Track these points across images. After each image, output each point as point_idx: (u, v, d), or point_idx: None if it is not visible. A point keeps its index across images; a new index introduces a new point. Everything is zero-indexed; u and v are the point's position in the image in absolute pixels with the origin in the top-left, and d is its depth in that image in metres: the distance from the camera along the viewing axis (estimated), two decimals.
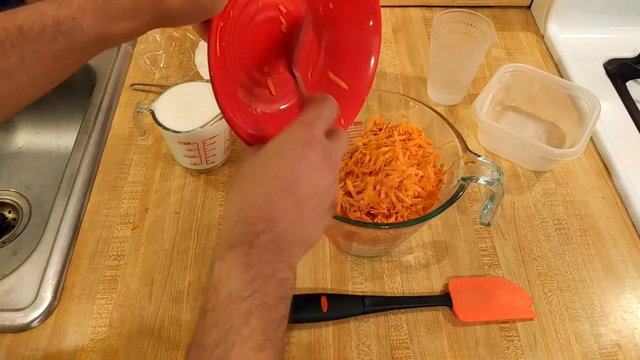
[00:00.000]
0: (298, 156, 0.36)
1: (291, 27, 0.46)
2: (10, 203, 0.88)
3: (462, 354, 0.55)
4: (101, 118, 0.76)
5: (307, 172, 0.36)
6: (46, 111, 0.94)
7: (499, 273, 0.62)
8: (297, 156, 0.37)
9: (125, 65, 0.83)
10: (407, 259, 0.62)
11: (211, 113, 0.62)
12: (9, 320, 0.56)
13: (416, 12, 0.95)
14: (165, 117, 0.63)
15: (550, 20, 0.89)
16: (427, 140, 0.60)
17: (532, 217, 0.67)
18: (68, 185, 0.67)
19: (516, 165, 0.72)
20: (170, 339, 0.55)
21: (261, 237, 0.34)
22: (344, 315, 0.57)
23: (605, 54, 0.86)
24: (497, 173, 0.52)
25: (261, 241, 0.34)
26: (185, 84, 0.67)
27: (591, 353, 0.56)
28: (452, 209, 0.67)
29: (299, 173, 0.36)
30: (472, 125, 0.76)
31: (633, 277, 0.62)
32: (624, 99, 0.80)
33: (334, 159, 0.38)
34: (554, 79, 0.73)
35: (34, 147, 0.95)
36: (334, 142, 0.39)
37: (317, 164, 0.37)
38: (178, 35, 0.86)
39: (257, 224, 0.35)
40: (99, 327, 0.56)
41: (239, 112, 0.42)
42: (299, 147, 0.37)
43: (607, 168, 0.72)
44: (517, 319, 0.58)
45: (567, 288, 0.61)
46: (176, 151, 0.68)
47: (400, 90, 0.81)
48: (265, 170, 0.37)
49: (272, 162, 0.37)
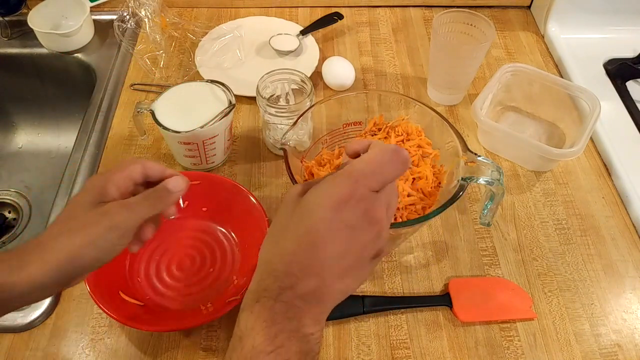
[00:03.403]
0: (330, 216, 0.33)
1: None
2: (10, 203, 0.88)
3: (462, 354, 0.55)
4: (101, 118, 0.76)
5: (340, 232, 0.34)
6: (46, 111, 0.94)
7: (499, 273, 0.62)
8: (329, 216, 0.33)
9: (125, 65, 0.83)
10: (407, 259, 0.62)
11: (211, 113, 0.62)
12: (9, 320, 0.56)
13: (416, 12, 0.95)
14: (165, 117, 0.62)
15: (550, 20, 0.89)
16: (427, 140, 0.60)
17: (532, 217, 0.67)
18: (68, 185, 0.67)
19: (516, 165, 0.72)
20: (170, 339, 0.55)
21: (287, 293, 0.33)
22: (344, 315, 0.57)
23: (605, 54, 0.86)
24: (497, 173, 0.52)
25: (286, 297, 0.33)
26: (185, 84, 0.67)
27: (591, 353, 0.56)
28: (452, 209, 0.67)
29: (330, 233, 0.33)
30: (472, 125, 0.76)
31: (633, 277, 0.62)
32: (624, 99, 0.80)
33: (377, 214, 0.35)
34: (554, 79, 0.73)
35: (34, 147, 0.95)
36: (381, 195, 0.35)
37: (353, 225, 0.34)
38: (178, 35, 0.86)
39: (284, 280, 0.34)
40: (99, 327, 0.56)
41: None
42: (335, 204, 0.34)
43: (607, 168, 0.72)
44: (517, 319, 0.58)
45: (567, 288, 0.61)
46: (176, 151, 0.68)
47: (400, 90, 0.81)
48: (297, 224, 0.35)
49: (305, 216, 0.34)
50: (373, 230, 0.35)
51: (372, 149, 0.37)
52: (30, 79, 0.91)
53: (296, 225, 0.35)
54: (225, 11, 0.93)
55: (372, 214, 0.34)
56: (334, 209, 0.33)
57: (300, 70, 0.66)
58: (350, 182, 0.34)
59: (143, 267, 0.59)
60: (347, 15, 0.92)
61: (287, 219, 0.36)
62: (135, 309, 0.55)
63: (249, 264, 0.58)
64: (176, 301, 0.57)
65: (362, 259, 0.35)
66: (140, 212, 0.42)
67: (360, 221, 0.34)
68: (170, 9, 0.86)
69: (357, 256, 0.35)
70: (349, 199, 0.34)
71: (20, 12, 0.87)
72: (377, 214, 0.35)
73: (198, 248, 0.61)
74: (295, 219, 0.35)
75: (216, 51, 0.83)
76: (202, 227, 0.63)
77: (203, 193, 0.62)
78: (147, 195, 0.43)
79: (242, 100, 0.77)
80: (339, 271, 0.34)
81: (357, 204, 0.34)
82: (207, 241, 0.62)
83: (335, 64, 0.79)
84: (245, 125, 0.76)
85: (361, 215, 0.34)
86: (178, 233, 0.62)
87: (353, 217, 0.34)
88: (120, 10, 0.83)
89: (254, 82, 0.66)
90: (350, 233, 0.34)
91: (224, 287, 0.58)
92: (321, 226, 0.33)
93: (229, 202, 0.61)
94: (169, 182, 0.44)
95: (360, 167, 0.35)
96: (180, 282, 0.59)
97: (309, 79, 0.65)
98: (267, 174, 0.70)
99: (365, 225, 0.34)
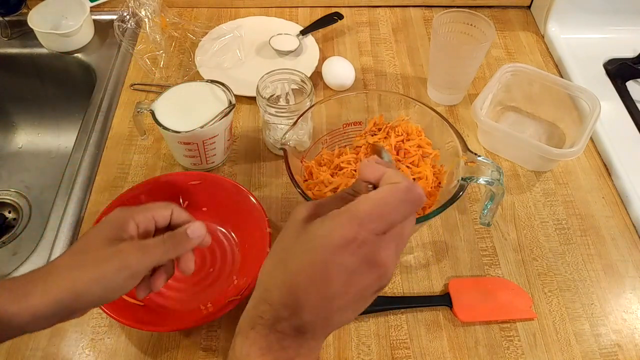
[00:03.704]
0: (329, 257, 0.32)
1: None
2: (10, 203, 0.88)
3: (462, 354, 0.55)
4: (101, 118, 0.76)
5: (339, 275, 0.32)
6: (46, 111, 0.94)
7: (499, 273, 0.62)
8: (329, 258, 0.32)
9: (125, 65, 0.83)
10: (407, 259, 0.62)
11: (211, 113, 0.62)
12: None
13: (416, 12, 0.95)
14: (165, 117, 0.62)
15: (550, 20, 0.89)
16: (427, 140, 0.60)
17: (532, 217, 0.67)
18: (68, 185, 0.67)
19: (516, 165, 0.72)
20: (170, 339, 0.55)
21: (282, 323, 0.33)
22: None
23: (605, 54, 0.86)
24: (497, 173, 0.52)
25: (282, 327, 0.33)
26: (185, 84, 0.67)
27: (591, 353, 0.56)
28: (452, 209, 0.67)
29: (329, 274, 0.32)
30: (472, 125, 0.76)
31: (633, 277, 0.62)
32: (624, 99, 0.80)
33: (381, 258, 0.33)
34: (554, 79, 0.73)
35: (34, 147, 0.95)
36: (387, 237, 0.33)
37: (353, 270, 0.33)
38: (178, 35, 0.86)
39: (280, 310, 0.33)
40: (99, 327, 0.56)
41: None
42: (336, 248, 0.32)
43: (607, 168, 0.72)
44: (517, 319, 0.58)
45: (567, 288, 0.61)
46: (176, 151, 0.68)
47: (400, 90, 0.81)
48: (298, 256, 0.34)
49: (306, 251, 0.33)
50: (375, 273, 0.33)
51: (383, 185, 0.35)
52: (30, 79, 0.91)
53: (297, 258, 0.34)
54: (225, 11, 0.93)
55: (374, 258, 0.33)
56: (334, 252, 0.32)
57: (300, 70, 0.66)
58: (353, 225, 0.32)
59: None
60: (347, 15, 0.92)
61: (289, 246, 0.35)
62: (135, 309, 0.55)
63: (249, 264, 0.58)
64: (176, 301, 0.57)
65: (363, 297, 0.35)
66: (154, 255, 0.42)
67: (360, 266, 0.33)
68: (170, 9, 0.86)
69: (356, 296, 0.34)
70: (350, 242, 0.32)
71: (20, 12, 0.87)
72: (381, 258, 0.33)
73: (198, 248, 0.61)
74: (297, 250, 0.34)
75: (216, 51, 0.83)
76: None
77: (203, 193, 0.62)
78: (164, 239, 0.43)
79: (242, 100, 0.77)
80: (337, 308, 0.34)
81: (358, 249, 0.32)
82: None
83: (335, 64, 0.79)
84: (245, 125, 0.76)
85: (361, 260, 0.33)
86: None
87: (353, 262, 0.32)
88: (120, 10, 0.83)
89: (254, 82, 0.66)
90: (350, 277, 0.33)
91: (224, 287, 0.58)
92: (321, 266, 0.33)
93: (229, 202, 0.61)
94: (189, 226, 0.45)
95: (366, 209, 0.33)
96: (180, 282, 0.59)
97: (309, 79, 0.65)
98: (267, 174, 0.70)
99: (365, 270, 0.33)
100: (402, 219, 0.34)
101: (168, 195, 0.62)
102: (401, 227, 0.34)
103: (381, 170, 0.36)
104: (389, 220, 0.33)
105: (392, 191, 0.34)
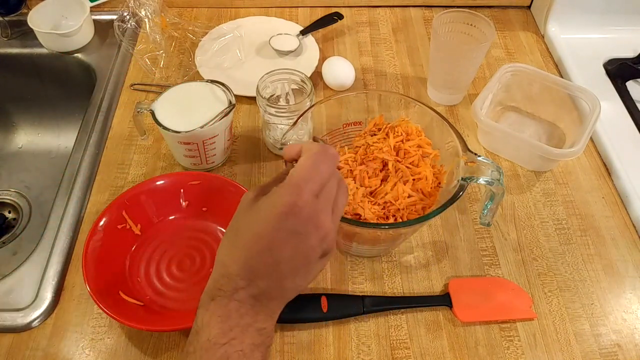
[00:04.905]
0: (276, 225, 0.36)
1: None
2: (10, 203, 0.88)
3: (462, 354, 0.55)
4: (101, 118, 0.76)
5: (285, 239, 0.37)
6: (46, 111, 0.94)
7: (499, 273, 0.62)
8: (276, 225, 0.36)
9: (125, 65, 0.83)
10: (407, 259, 0.62)
11: (211, 113, 0.62)
12: (9, 320, 0.56)
13: (416, 12, 0.95)
14: (165, 117, 0.62)
15: (550, 20, 0.89)
16: (427, 140, 0.60)
17: (532, 217, 0.67)
18: (68, 185, 0.67)
19: (516, 165, 0.72)
20: (170, 339, 0.55)
21: (239, 292, 0.37)
22: (344, 315, 0.57)
23: (605, 54, 0.86)
24: (497, 173, 0.52)
25: (239, 296, 0.37)
26: (185, 84, 0.67)
27: (591, 353, 0.56)
28: (452, 209, 0.67)
29: (277, 240, 0.36)
30: (472, 125, 0.76)
31: (633, 277, 0.62)
32: (624, 99, 0.80)
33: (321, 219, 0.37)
34: (554, 79, 0.73)
35: (34, 147, 0.95)
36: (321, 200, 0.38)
37: (298, 231, 0.37)
38: (178, 35, 0.86)
39: (237, 281, 0.37)
40: (99, 327, 0.56)
41: None
42: (280, 214, 0.36)
43: (607, 168, 0.72)
44: (517, 319, 0.58)
45: (567, 288, 0.61)
46: (176, 151, 0.68)
47: (400, 90, 0.81)
48: (248, 229, 0.38)
49: (255, 223, 0.37)
50: (318, 234, 0.37)
51: (302, 154, 0.40)
52: (30, 79, 0.91)
53: (247, 232, 0.38)
54: (225, 11, 0.93)
55: (314, 219, 0.37)
56: (279, 218, 0.36)
57: (300, 70, 0.66)
58: (292, 192, 0.37)
59: (143, 267, 0.59)
60: (347, 15, 0.92)
61: (241, 224, 0.39)
62: (135, 309, 0.55)
63: None
64: (176, 301, 0.57)
65: (310, 260, 0.38)
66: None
67: (304, 227, 0.37)
68: (170, 9, 0.86)
69: (304, 258, 0.38)
70: (292, 207, 0.36)
71: (20, 12, 0.87)
72: (320, 219, 0.37)
73: (198, 248, 0.61)
74: (247, 225, 0.38)
75: (216, 51, 0.83)
76: (202, 227, 0.63)
77: (203, 193, 0.62)
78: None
79: (242, 100, 0.77)
80: (288, 273, 0.38)
81: (300, 212, 0.36)
82: (207, 241, 0.62)
83: (335, 64, 0.79)
84: (245, 125, 0.76)
85: (304, 221, 0.37)
86: (178, 233, 0.62)
87: (297, 224, 0.36)
88: (120, 10, 0.83)
89: (254, 82, 0.66)
90: (296, 239, 0.37)
91: None
92: (269, 234, 0.36)
93: (229, 202, 0.61)
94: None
95: (297, 176, 0.38)
96: (180, 282, 0.59)
97: (309, 79, 0.65)
98: (267, 174, 0.70)
99: (310, 230, 0.37)
100: (328, 176, 0.39)
101: (168, 195, 0.62)
102: (330, 187, 0.39)
103: (298, 146, 0.41)
104: (317, 179, 0.38)
105: (311, 155, 0.39)
